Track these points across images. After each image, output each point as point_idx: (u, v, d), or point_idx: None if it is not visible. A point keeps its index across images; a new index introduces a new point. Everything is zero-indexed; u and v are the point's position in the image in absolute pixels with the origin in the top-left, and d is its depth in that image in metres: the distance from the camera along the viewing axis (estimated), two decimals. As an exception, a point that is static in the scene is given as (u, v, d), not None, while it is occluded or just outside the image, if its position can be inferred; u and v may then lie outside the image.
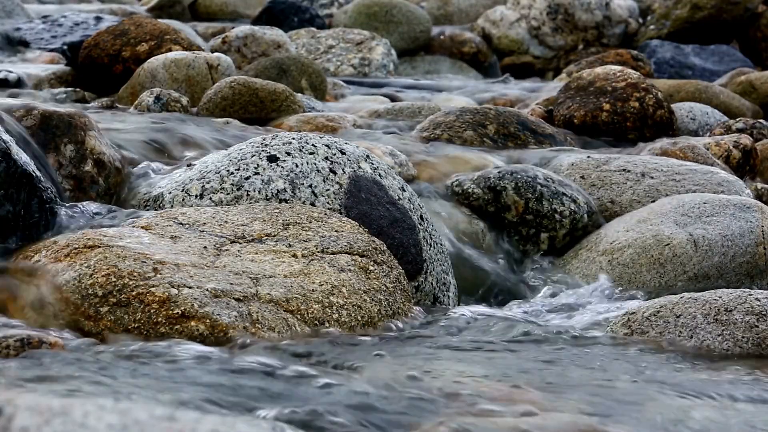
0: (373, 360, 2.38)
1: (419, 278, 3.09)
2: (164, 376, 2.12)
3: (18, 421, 1.22)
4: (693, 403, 2.19)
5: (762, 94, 6.83)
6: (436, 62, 8.81)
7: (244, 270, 2.63)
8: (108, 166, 3.32)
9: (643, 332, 2.72)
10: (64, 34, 7.00)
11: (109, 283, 2.47)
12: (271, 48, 6.71)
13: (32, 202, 2.86)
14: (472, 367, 2.38)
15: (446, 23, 9.70)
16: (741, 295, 2.73)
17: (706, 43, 9.01)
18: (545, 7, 9.23)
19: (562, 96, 5.31)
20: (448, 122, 4.59)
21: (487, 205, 3.68)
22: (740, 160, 4.78)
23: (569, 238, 3.70)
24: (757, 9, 9.27)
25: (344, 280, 2.69)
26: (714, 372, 2.46)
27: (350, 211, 3.06)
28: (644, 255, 3.48)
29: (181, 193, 3.14)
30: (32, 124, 3.22)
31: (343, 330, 2.57)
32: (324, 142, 3.22)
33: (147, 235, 2.75)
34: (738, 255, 3.47)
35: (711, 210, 3.56)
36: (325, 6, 9.96)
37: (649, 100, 5.17)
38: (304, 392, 2.05)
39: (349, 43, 8.08)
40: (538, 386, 2.23)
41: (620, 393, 2.24)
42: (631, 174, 3.97)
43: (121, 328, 2.41)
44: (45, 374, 2.06)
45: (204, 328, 2.41)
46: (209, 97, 4.83)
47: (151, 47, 5.72)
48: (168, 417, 1.26)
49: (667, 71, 8.52)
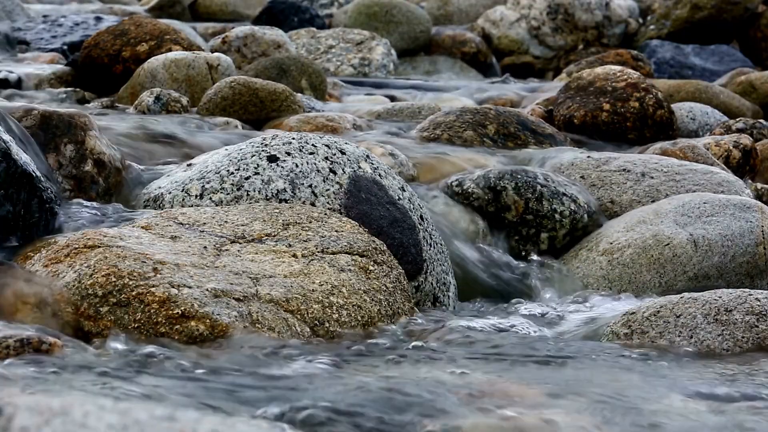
0: (373, 360, 2.39)
1: (419, 278, 3.09)
2: (164, 376, 2.12)
3: (18, 421, 1.22)
4: (693, 403, 2.19)
5: (762, 94, 6.83)
6: (436, 62, 8.81)
7: (244, 270, 2.63)
8: (108, 166, 3.32)
9: (643, 332, 2.72)
10: (64, 34, 7.00)
11: (109, 283, 2.47)
12: (271, 48, 6.71)
13: (32, 202, 2.86)
14: (471, 367, 2.38)
15: (446, 23, 9.69)
16: (741, 295, 2.73)
17: (706, 43, 9.01)
18: (545, 7, 9.23)
19: (562, 96, 5.31)
20: (448, 122, 4.59)
21: (487, 205, 3.68)
22: (740, 160, 4.78)
23: (569, 238, 3.70)
24: (757, 9, 9.27)
25: (344, 280, 2.69)
26: (714, 372, 2.46)
27: (350, 211, 3.06)
28: (644, 255, 3.48)
29: (181, 193, 3.14)
30: (32, 124, 3.22)
31: (344, 330, 2.57)
32: (324, 142, 3.22)
33: (147, 235, 2.75)
34: (738, 255, 3.47)
35: (711, 210, 3.56)
36: (325, 6, 9.96)
37: (649, 100, 5.17)
38: (304, 392, 2.05)
39: (349, 43, 8.08)
40: (538, 386, 2.23)
41: (620, 393, 2.24)
42: (631, 174, 3.97)
43: (121, 328, 2.41)
44: (45, 374, 2.06)
45: (204, 328, 2.41)
46: (209, 97, 4.83)
47: (151, 47, 5.72)
48: (168, 417, 1.26)
49: (667, 71, 8.52)
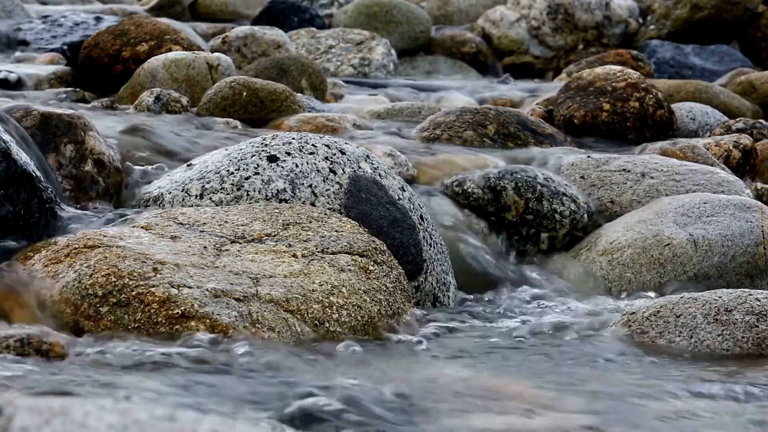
0: (373, 361, 2.39)
1: (419, 278, 3.09)
2: (164, 376, 2.12)
3: (18, 421, 1.22)
4: (693, 403, 2.19)
5: (762, 94, 6.83)
6: (436, 62, 8.80)
7: (244, 270, 2.63)
8: (108, 166, 3.32)
9: (643, 332, 2.72)
10: (64, 34, 6.99)
11: (109, 283, 2.47)
12: (271, 48, 6.71)
13: (32, 202, 2.86)
14: (471, 367, 2.38)
15: (446, 23, 9.69)
16: (741, 295, 2.73)
17: (706, 43, 9.00)
18: (545, 7, 9.23)
19: (562, 96, 5.31)
20: (448, 122, 4.59)
21: (487, 205, 3.68)
22: (740, 160, 4.78)
23: (569, 238, 3.70)
24: (757, 9, 9.27)
25: (344, 280, 2.69)
26: (714, 372, 2.46)
27: (350, 211, 3.06)
28: (644, 255, 3.48)
29: (181, 193, 3.14)
30: (32, 124, 3.22)
31: (344, 330, 2.57)
32: (324, 142, 3.22)
33: (147, 235, 2.75)
34: (738, 255, 3.47)
35: (711, 210, 3.56)
36: (325, 6, 9.96)
37: (649, 100, 5.17)
38: (305, 392, 2.05)
39: (349, 43, 8.08)
40: (539, 386, 2.23)
41: (620, 393, 2.24)
42: (631, 174, 3.97)
43: (121, 328, 2.41)
44: (45, 374, 2.06)
45: (204, 328, 2.41)
46: (209, 97, 4.83)
47: (151, 47, 5.72)
48: (168, 417, 1.26)
49: (667, 71, 8.51)
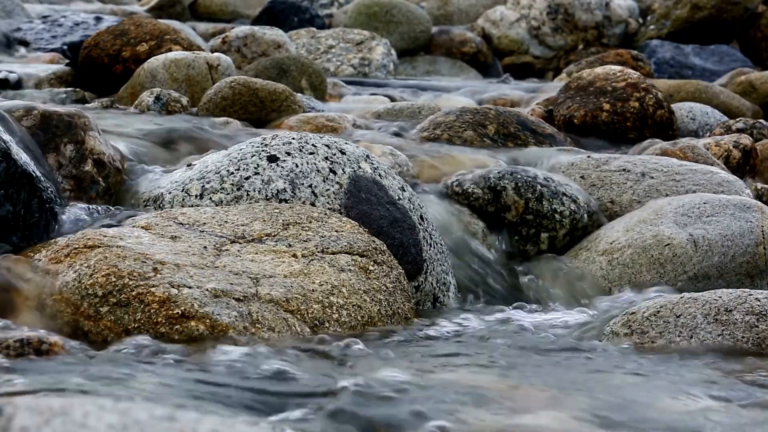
0: (373, 360, 2.38)
1: (419, 278, 3.09)
2: (164, 376, 2.12)
3: (18, 421, 1.22)
4: (693, 403, 2.19)
5: (762, 94, 6.83)
6: (436, 62, 8.81)
7: (244, 270, 2.63)
8: (108, 166, 3.32)
9: (643, 332, 2.72)
10: (64, 34, 7.00)
11: (109, 283, 2.47)
12: (271, 48, 6.71)
13: (32, 202, 2.86)
14: (471, 367, 2.38)
15: (446, 23, 9.69)
16: (741, 295, 2.73)
17: (706, 43, 9.01)
18: (545, 7, 9.23)
19: (562, 96, 5.31)
20: (448, 122, 4.59)
21: (487, 205, 3.68)
22: (740, 160, 4.78)
23: (569, 238, 3.70)
24: (757, 9, 9.27)
25: (344, 280, 2.69)
26: (714, 372, 2.46)
27: (350, 211, 3.06)
28: (644, 255, 3.48)
29: (181, 193, 3.14)
30: (32, 124, 3.22)
31: (344, 330, 2.57)
32: (324, 142, 3.22)
33: (147, 235, 2.75)
34: (738, 255, 3.47)
35: (711, 210, 3.56)
36: (325, 6, 9.96)
37: (649, 100, 5.17)
38: (305, 392, 2.05)
39: (349, 43, 8.08)
40: (539, 387, 2.23)
41: (620, 393, 2.24)
42: (631, 174, 3.97)
43: (121, 328, 2.41)
44: (45, 374, 2.06)
45: (204, 328, 2.41)
46: (209, 97, 4.83)
47: (151, 47, 5.72)
48: (168, 417, 1.26)
49: (667, 71, 8.52)
